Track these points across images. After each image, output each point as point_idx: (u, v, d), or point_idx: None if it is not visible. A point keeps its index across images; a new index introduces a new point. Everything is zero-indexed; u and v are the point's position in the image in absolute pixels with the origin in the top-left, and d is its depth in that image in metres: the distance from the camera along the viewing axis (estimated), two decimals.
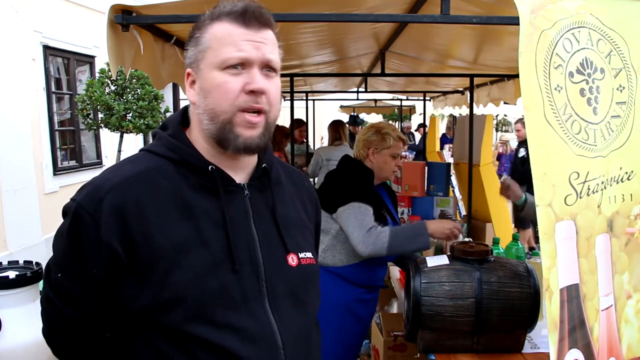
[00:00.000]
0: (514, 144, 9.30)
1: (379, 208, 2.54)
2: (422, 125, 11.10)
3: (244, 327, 1.03)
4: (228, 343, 1.01)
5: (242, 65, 1.03)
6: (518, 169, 6.43)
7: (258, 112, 1.04)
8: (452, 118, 10.16)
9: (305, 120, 7.24)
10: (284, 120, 5.37)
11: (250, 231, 1.09)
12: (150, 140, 1.18)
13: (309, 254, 1.19)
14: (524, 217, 3.08)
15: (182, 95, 7.64)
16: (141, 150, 1.15)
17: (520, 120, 6.91)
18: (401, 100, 11.14)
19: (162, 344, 1.02)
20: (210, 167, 1.07)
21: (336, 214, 2.45)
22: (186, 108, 1.16)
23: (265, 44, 1.04)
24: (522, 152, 6.53)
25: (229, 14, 1.04)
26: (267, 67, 1.05)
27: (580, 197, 1.24)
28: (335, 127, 5.47)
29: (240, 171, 1.13)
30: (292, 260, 1.14)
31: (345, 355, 2.56)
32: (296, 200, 1.24)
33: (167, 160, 1.08)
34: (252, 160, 1.15)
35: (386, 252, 2.32)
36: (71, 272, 1.05)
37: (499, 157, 9.96)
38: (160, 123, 1.20)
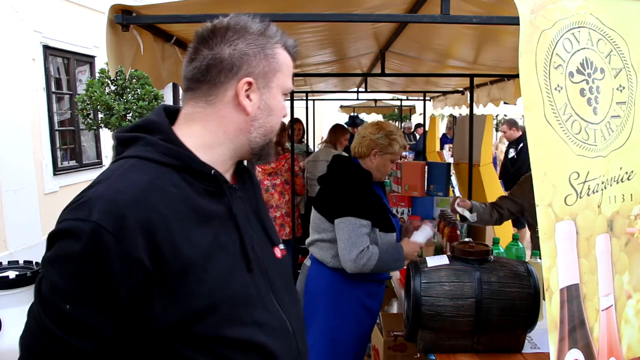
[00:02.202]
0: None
1: (380, 209, 2.54)
2: (420, 126, 11.09)
3: (265, 321, 1.08)
4: (259, 339, 1.05)
5: None
6: (508, 170, 6.36)
7: None
8: (452, 118, 10.15)
9: (304, 119, 7.24)
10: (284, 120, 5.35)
11: (249, 230, 1.13)
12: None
13: (282, 245, 1.26)
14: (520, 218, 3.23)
15: (182, 95, 7.64)
16: (134, 157, 1.04)
17: (507, 122, 6.80)
18: (401, 100, 11.13)
19: (193, 354, 1.00)
20: (212, 171, 1.07)
21: (335, 223, 2.45)
22: (167, 109, 1.11)
23: None
24: (511, 153, 6.45)
25: (290, 47, 1.13)
26: None
27: (581, 197, 1.24)
28: (333, 131, 5.43)
29: (227, 174, 1.15)
30: (278, 253, 1.21)
31: (358, 346, 2.66)
32: (259, 194, 1.30)
33: (167, 167, 1.03)
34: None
35: (369, 272, 2.41)
36: (88, 301, 0.94)
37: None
38: (133, 126, 1.10)
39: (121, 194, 0.95)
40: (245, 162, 1.22)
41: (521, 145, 6.23)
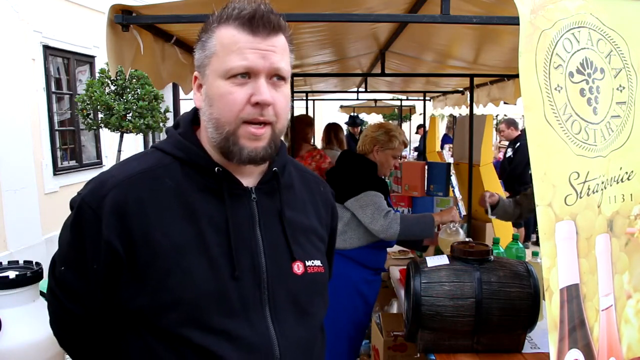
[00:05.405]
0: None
1: (386, 194, 2.86)
2: (421, 126, 11.08)
3: (241, 335, 1.01)
4: (222, 351, 0.99)
5: (248, 74, 0.99)
6: (506, 169, 6.42)
7: (263, 123, 1.01)
8: (452, 118, 10.14)
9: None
10: None
11: (255, 237, 1.07)
12: (152, 140, 1.18)
13: (318, 262, 1.15)
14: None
15: (182, 95, 7.63)
16: (152, 147, 1.14)
17: (505, 121, 6.86)
18: (401, 100, 11.12)
19: (157, 345, 1.01)
20: (217, 169, 1.05)
21: (349, 203, 2.72)
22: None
23: (273, 51, 1.00)
24: (509, 152, 6.52)
25: (236, 18, 0.99)
26: (275, 76, 1.01)
27: (580, 197, 1.24)
28: (327, 130, 5.41)
29: (249, 174, 1.10)
30: (297, 268, 1.10)
31: (356, 333, 2.86)
32: (309, 206, 1.20)
33: (175, 159, 1.07)
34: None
35: (398, 235, 2.66)
36: (73, 266, 1.05)
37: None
38: (175, 121, 1.18)
39: (112, 177, 1.04)
40: (277, 168, 1.13)
41: (518, 144, 6.30)
